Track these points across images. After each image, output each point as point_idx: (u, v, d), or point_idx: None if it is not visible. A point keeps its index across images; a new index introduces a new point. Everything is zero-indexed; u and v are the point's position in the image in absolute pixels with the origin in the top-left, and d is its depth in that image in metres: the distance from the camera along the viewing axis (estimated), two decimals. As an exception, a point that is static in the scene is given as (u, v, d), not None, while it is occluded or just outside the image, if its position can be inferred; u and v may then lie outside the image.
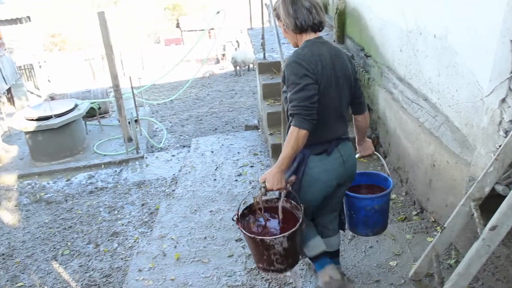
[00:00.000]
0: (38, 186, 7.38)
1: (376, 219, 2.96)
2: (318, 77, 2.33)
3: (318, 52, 2.38)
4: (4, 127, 10.54)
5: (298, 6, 2.41)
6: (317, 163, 2.50)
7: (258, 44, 7.10)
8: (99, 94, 11.16)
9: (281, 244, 2.39)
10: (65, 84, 19.95)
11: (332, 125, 2.51)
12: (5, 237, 5.90)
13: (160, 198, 6.17)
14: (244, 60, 17.53)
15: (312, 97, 2.30)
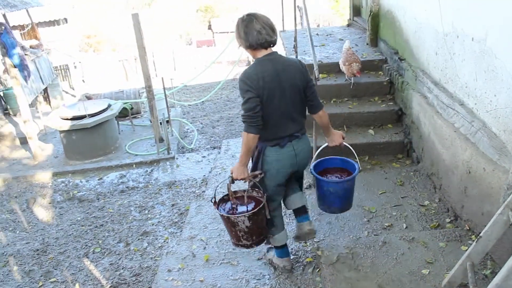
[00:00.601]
0: (71, 184, 7.52)
1: (332, 199, 3.60)
2: (259, 91, 2.97)
3: (262, 70, 3.01)
4: (40, 125, 10.78)
5: (249, 28, 2.97)
6: (272, 153, 3.21)
7: (290, 47, 7.07)
8: (131, 94, 11.30)
9: (244, 222, 3.16)
10: (99, 84, 20.30)
11: (282, 125, 3.15)
12: (39, 233, 6.04)
13: (190, 199, 6.20)
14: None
15: (254, 108, 2.97)
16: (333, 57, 6.67)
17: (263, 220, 3.27)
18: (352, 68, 5.55)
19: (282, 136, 3.18)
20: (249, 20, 3.00)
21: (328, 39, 7.91)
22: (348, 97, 6.00)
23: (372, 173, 4.98)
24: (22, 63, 8.59)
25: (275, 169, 3.25)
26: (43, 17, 19.33)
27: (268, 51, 3.10)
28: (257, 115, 2.99)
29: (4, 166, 8.99)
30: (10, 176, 8.11)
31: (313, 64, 5.17)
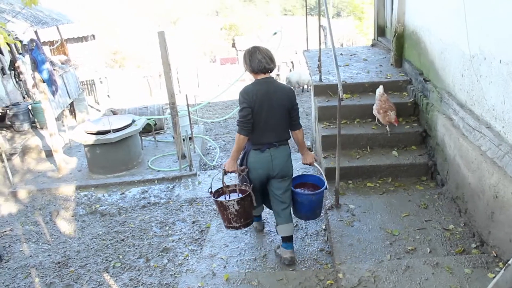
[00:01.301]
0: (94, 198, 7.59)
1: (299, 207, 4.38)
2: (252, 104, 3.87)
3: (257, 88, 3.92)
4: (66, 139, 10.95)
5: (253, 57, 3.95)
6: (253, 155, 4.08)
7: (315, 66, 7.08)
8: (155, 110, 11.43)
9: (233, 206, 4.05)
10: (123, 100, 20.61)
11: (265, 134, 3.99)
12: (61, 246, 6.09)
13: (211, 216, 6.19)
14: (298, 81, 17.53)
15: (247, 116, 3.88)
16: (357, 77, 6.66)
17: (249, 206, 4.16)
18: (389, 116, 5.37)
19: (263, 143, 4.03)
20: (253, 51, 4.00)
21: (352, 59, 7.90)
22: (372, 118, 5.96)
23: (396, 195, 4.92)
24: (51, 78, 8.76)
25: (254, 168, 4.12)
26: (72, 33, 19.81)
27: (266, 75, 4.03)
28: (248, 122, 3.91)
29: (30, 178, 9.14)
30: (35, 188, 8.24)
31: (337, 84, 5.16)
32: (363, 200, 4.87)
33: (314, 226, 5.05)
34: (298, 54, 27.58)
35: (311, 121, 11.46)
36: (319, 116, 6.10)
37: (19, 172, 9.48)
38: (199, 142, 10.00)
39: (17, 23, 10.22)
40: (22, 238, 6.51)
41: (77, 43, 20.68)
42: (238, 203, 4.05)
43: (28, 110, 11.49)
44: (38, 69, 8.56)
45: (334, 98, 6.22)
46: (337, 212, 4.64)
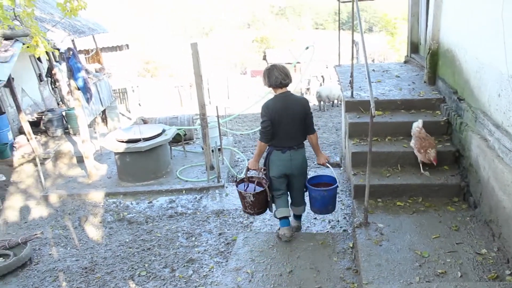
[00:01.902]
0: (122, 206, 7.68)
1: (313, 201, 5.15)
2: (272, 117, 4.63)
3: (276, 103, 4.68)
4: (97, 146, 11.14)
5: (271, 74, 4.67)
6: (275, 154, 4.84)
7: (346, 82, 7.04)
8: (185, 120, 11.53)
9: (249, 198, 4.97)
10: (154, 109, 20.88)
11: (285, 140, 4.77)
12: (89, 252, 6.17)
13: (238, 229, 6.19)
14: (328, 96, 17.46)
15: (267, 127, 4.66)
16: (389, 94, 6.59)
17: (264, 200, 5.02)
18: (429, 155, 5.22)
19: (284, 146, 4.80)
20: (271, 69, 4.73)
21: (384, 75, 7.83)
22: (403, 136, 5.87)
23: (426, 216, 4.82)
24: (86, 86, 8.96)
25: (276, 165, 4.87)
26: (106, 42, 20.23)
27: (283, 90, 4.77)
28: (268, 132, 4.70)
29: (61, 183, 9.32)
30: (65, 193, 8.39)
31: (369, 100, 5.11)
32: (392, 219, 4.79)
33: (341, 244, 4.98)
34: (329, 69, 27.53)
35: (341, 137, 11.38)
36: (350, 132, 6.04)
37: (51, 177, 9.67)
38: (227, 153, 10.03)
39: (56, 32, 10.50)
40: (52, 242, 6.62)
41: (111, 52, 21.11)
42: (253, 196, 4.97)
43: (62, 116, 11.76)
44: (74, 76, 8.76)
45: (365, 115, 6.16)
46: (366, 231, 4.57)
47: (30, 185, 9.23)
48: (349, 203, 6.14)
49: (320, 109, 17.59)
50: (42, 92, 13.25)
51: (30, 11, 4.44)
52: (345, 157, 7.67)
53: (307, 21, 76.58)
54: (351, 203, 5.99)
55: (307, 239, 5.14)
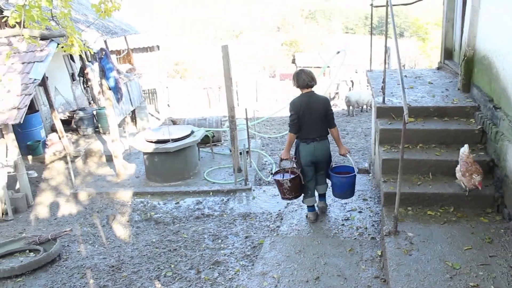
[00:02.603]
0: (149, 205, 7.73)
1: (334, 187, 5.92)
2: (298, 111, 5.47)
3: (302, 100, 5.52)
4: (126, 145, 11.27)
5: (299, 77, 5.53)
6: (302, 146, 5.65)
7: (378, 87, 6.95)
8: (213, 122, 11.57)
9: (286, 184, 5.67)
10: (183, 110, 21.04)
11: (309, 132, 5.56)
12: (116, 250, 6.23)
13: (264, 232, 6.15)
14: (358, 101, 17.28)
15: (294, 120, 5.49)
16: (422, 101, 6.46)
17: (298, 184, 5.75)
18: (474, 180, 5.08)
19: (308, 138, 5.60)
20: (299, 72, 5.61)
21: (417, 81, 7.70)
22: (435, 143, 5.76)
23: (457, 226, 4.70)
24: (117, 86, 9.08)
25: (303, 155, 5.68)
26: (138, 43, 20.49)
27: (308, 90, 5.58)
28: (295, 124, 5.54)
29: (90, 181, 9.46)
30: (94, 191, 8.51)
31: (401, 107, 5.02)
32: (422, 228, 4.69)
33: (369, 251, 4.91)
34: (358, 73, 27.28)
35: (370, 142, 11.24)
36: (381, 139, 5.95)
37: (80, 174, 9.84)
38: (255, 156, 10.01)
39: (89, 33, 10.68)
40: (80, 239, 6.71)
41: (142, 53, 21.37)
42: (290, 181, 5.68)
43: (93, 115, 11.95)
44: (106, 76, 8.90)
45: (397, 121, 6.06)
46: (395, 239, 4.49)
47: (60, 182, 9.41)
48: (377, 210, 6.05)
49: (348, 114, 17.43)
50: (74, 91, 13.50)
51: (66, 12, 4.51)
52: (374, 163, 7.57)
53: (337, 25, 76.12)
54: (380, 210, 5.90)
55: (335, 246, 5.08)
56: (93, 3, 5.65)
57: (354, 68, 29.07)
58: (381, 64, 6.90)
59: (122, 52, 18.17)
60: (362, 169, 8.68)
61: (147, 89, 18.99)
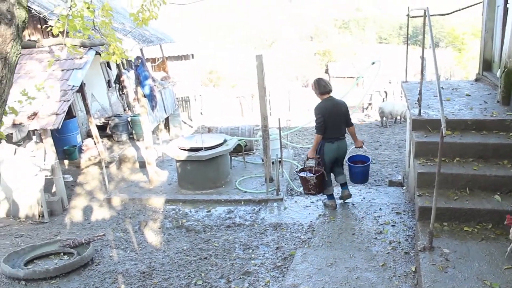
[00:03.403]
0: (181, 213, 7.78)
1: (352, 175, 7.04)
2: (324, 114, 6.24)
3: (326, 104, 6.33)
4: (159, 152, 11.40)
5: (320, 85, 6.40)
6: (327, 145, 6.41)
7: (413, 99, 6.84)
8: (246, 131, 11.58)
9: (312, 180, 6.52)
10: (215, 118, 21.18)
11: (333, 132, 6.36)
12: (147, 256, 6.28)
13: (295, 244, 6.09)
14: (391, 112, 17.06)
15: (321, 122, 6.25)
16: (459, 113, 6.32)
17: (321, 181, 6.57)
18: None
19: (332, 137, 6.41)
20: (318, 80, 6.53)
21: (454, 93, 7.54)
22: (473, 157, 5.61)
23: (496, 244, 4.56)
24: (152, 93, 9.21)
25: (328, 154, 6.50)
26: (173, 52, 20.78)
27: (328, 95, 6.43)
28: (322, 126, 6.29)
29: (123, 186, 9.60)
30: (127, 197, 8.63)
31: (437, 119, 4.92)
32: (459, 245, 4.56)
33: (403, 267, 4.81)
34: (392, 84, 26.95)
35: (403, 155, 11.06)
36: (416, 152, 5.84)
37: (114, 180, 10.00)
38: (287, 166, 9.97)
39: (126, 41, 10.88)
40: (112, 244, 6.80)
41: (177, 61, 21.65)
42: (316, 178, 6.50)
43: (127, 121, 12.15)
44: (141, 84, 9.03)
45: (433, 134, 5.94)
46: (430, 255, 4.38)
47: (94, 187, 9.58)
48: (411, 225, 5.92)
49: (382, 125, 17.21)
50: (110, 97, 13.77)
51: (107, 21, 4.61)
52: (408, 176, 7.44)
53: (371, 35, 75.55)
54: (414, 224, 5.78)
55: (367, 260, 5.00)
56: (131, 12, 5.75)
57: (388, 79, 28.72)
58: (415, 75, 6.82)
59: (157, 60, 18.46)
60: (395, 181, 8.53)
61: (180, 97, 19.21)
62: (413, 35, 41.69)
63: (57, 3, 10.97)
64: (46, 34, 10.62)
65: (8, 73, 2.64)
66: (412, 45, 9.54)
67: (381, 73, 17.79)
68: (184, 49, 22.02)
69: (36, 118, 8.18)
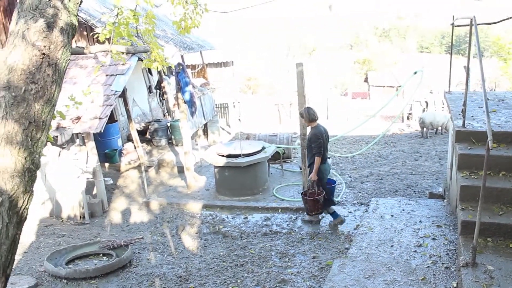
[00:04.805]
0: (218, 219, 7.83)
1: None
2: (322, 138, 6.80)
3: (319, 129, 6.93)
4: (197, 157, 11.51)
5: (310, 113, 7.00)
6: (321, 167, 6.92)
7: (456, 110, 6.67)
8: (284, 139, 11.56)
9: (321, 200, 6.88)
10: (253, 125, 21.23)
11: (325, 154, 6.97)
12: (184, 261, 6.34)
13: (332, 254, 6.04)
14: (432, 122, 16.68)
15: (320, 144, 6.78)
16: (505, 125, 6.12)
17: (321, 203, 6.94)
18: None
19: (324, 158, 6.97)
20: (308, 108, 7.10)
21: (500, 105, 7.32)
22: (520, 171, 5.42)
23: (544, 262, 4.37)
24: (192, 99, 9.32)
25: (324, 174, 7.07)
26: (213, 58, 21.00)
27: (316, 123, 7.02)
28: (321, 148, 6.79)
29: (162, 190, 9.73)
30: (165, 201, 8.75)
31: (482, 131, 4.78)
32: (504, 262, 4.40)
33: (443, 282, 4.67)
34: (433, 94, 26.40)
35: (444, 166, 10.80)
36: (459, 164, 5.68)
37: (153, 184, 10.15)
38: (324, 175, 9.89)
39: (167, 47, 11.07)
40: (150, 247, 6.90)
41: (216, 68, 21.87)
42: (324, 197, 6.91)
43: (167, 127, 12.33)
44: (182, 90, 9.17)
45: (478, 146, 5.77)
46: (473, 272, 4.25)
47: (133, 190, 9.75)
48: (453, 239, 5.75)
49: (422, 135, 16.85)
50: (150, 103, 14.01)
51: (151, 28, 4.72)
52: (449, 188, 7.25)
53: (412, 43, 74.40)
54: (456, 239, 5.62)
55: (406, 273, 4.88)
56: (174, 20, 5.84)
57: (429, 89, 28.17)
58: (457, 85, 6.65)
59: (197, 66, 18.70)
60: (436, 194, 8.32)
61: (219, 103, 19.36)
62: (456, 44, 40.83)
63: (102, 11, 11.28)
64: (92, 41, 10.93)
65: (58, 79, 2.72)
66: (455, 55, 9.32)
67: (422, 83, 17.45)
68: (224, 56, 22.23)
69: (80, 122, 8.40)
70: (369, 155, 13.10)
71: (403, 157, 12.71)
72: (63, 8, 2.70)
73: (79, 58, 9.98)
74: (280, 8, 73.21)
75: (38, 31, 2.59)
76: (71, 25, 2.79)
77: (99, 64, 5.69)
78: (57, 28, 2.66)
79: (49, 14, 2.63)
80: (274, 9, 69.48)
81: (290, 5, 74.79)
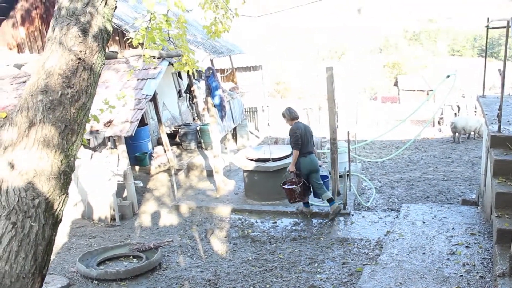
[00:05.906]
0: (247, 223, 7.82)
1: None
2: (300, 133, 7.38)
3: (298, 125, 7.51)
4: (226, 161, 11.54)
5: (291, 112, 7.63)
6: (302, 160, 7.50)
7: (492, 115, 6.52)
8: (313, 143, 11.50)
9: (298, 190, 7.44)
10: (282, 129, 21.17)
11: (306, 148, 7.46)
12: (212, 265, 6.35)
13: (362, 260, 5.96)
14: (464, 127, 16.35)
15: (297, 137, 7.35)
16: (543, 131, 5.95)
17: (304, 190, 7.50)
18: None
19: (305, 152, 7.43)
20: (288, 109, 7.66)
21: (537, 110, 7.13)
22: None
23: None
24: (221, 103, 9.35)
25: (303, 166, 7.48)
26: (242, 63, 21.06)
27: (298, 120, 7.59)
28: (299, 140, 7.30)
29: (191, 194, 9.79)
30: (194, 205, 8.79)
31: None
32: (542, 272, 4.26)
33: (478, 292, 4.56)
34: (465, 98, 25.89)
35: (478, 172, 10.56)
36: (495, 170, 5.54)
37: (182, 187, 10.22)
38: (354, 180, 9.78)
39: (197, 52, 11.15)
40: (179, 250, 6.94)
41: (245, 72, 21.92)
42: (300, 187, 7.38)
43: (196, 130, 12.42)
44: (211, 94, 9.21)
45: (514, 153, 5.62)
46: (510, 282, 4.13)
47: (163, 193, 9.84)
48: (487, 247, 5.61)
49: (454, 140, 16.52)
50: (180, 107, 14.14)
51: (182, 33, 4.76)
52: (483, 195, 7.08)
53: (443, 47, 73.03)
54: (491, 247, 5.47)
55: (439, 282, 4.78)
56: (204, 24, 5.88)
57: (461, 93, 27.62)
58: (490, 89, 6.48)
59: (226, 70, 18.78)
60: (469, 200, 8.14)
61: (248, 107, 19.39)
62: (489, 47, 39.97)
63: (134, 16, 11.45)
64: (124, 45, 11.10)
65: (93, 83, 2.77)
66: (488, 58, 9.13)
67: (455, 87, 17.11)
68: (253, 60, 22.27)
69: (112, 125, 8.54)
70: (399, 160, 12.91)
71: (434, 162, 12.48)
72: (98, 14, 2.75)
73: (110, 62, 10.15)
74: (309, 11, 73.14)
75: (75, 36, 2.64)
76: (106, 30, 2.84)
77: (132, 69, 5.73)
78: (92, 33, 2.71)
79: (85, 20, 2.68)
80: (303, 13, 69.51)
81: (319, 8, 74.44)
